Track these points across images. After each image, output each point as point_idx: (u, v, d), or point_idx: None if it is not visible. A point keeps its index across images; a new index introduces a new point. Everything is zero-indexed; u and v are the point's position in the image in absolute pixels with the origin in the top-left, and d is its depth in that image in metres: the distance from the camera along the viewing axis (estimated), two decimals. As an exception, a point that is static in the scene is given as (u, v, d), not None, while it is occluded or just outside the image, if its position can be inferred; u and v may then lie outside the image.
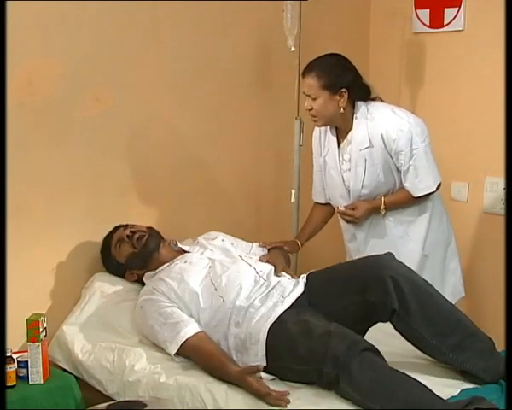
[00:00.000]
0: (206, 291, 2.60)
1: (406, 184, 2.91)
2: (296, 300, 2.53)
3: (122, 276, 2.90)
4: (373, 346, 2.26)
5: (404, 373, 2.20)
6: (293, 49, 3.20)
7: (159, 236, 2.88)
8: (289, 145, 3.38)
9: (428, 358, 2.52)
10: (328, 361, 2.21)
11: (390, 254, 2.55)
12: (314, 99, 2.83)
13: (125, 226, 2.89)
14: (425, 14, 3.68)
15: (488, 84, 3.47)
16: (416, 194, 2.91)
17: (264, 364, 2.36)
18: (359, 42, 3.91)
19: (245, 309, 2.50)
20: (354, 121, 2.89)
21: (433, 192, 2.93)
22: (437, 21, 3.64)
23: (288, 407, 2.19)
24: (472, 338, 2.40)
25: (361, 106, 2.89)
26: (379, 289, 2.40)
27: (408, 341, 2.48)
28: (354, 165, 2.92)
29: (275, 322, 2.41)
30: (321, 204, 3.16)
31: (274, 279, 2.65)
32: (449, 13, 3.59)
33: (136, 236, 2.82)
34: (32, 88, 2.72)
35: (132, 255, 2.82)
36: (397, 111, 2.91)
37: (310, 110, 2.86)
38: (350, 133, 2.91)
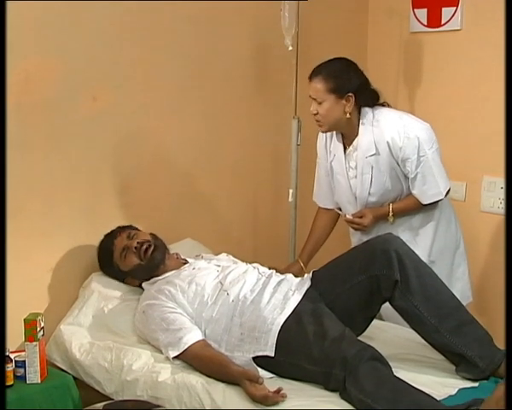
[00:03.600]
0: (214, 291, 2.62)
1: (414, 192, 2.87)
2: (306, 293, 2.56)
3: (121, 281, 2.89)
4: (382, 356, 2.28)
5: (408, 383, 2.21)
6: (290, 48, 3.20)
7: (164, 246, 2.85)
8: (287, 144, 3.38)
9: (427, 357, 2.53)
10: (337, 363, 2.23)
11: (393, 234, 2.59)
12: (320, 103, 2.79)
13: (127, 233, 2.84)
14: (422, 13, 3.68)
15: (486, 83, 3.47)
16: (425, 201, 2.88)
17: (272, 354, 2.38)
18: (357, 41, 3.91)
19: (250, 301, 2.54)
20: (360, 128, 2.85)
21: (441, 199, 2.90)
22: (434, 21, 3.64)
23: (296, 407, 2.19)
24: (471, 325, 2.43)
25: (367, 112, 2.86)
26: (383, 262, 2.45)
27: (406, 319, 2.51)
28: (360, 172, 2.89)
29: (290, 315, 2.44)
30: (326, 210, 3.12)
31: (277, 277, 2.68)
32: (446, 12, 3.59)
33: (144, 247, 2.78)
34: (30, 87, 2.72)
35: (138, 267, 2.79)
36: (403, 117, 2.87)
37: (315, 114, 2.83)
38: (356, 140, 2.88)
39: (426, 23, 3.68)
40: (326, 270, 2.67)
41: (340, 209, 3.04)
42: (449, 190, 2.92)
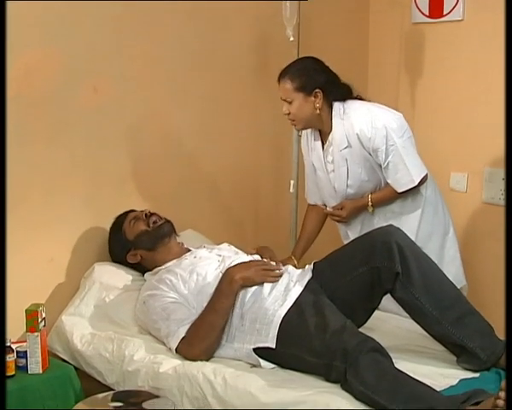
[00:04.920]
0: (215, 282, 2.62)
1: (389, 181, 2.91)
2: (307, 284, 2.56)
3: (123, 259, 2.88)
4: (383, 348, 2.28)
5: (408, 375, 2.21)
6: (291, 38, 3.20)
7: (173, 227, 2.89)
8: (288, 135, 3.38)
9: (428, 348, 2.53)
10: (338, 355, 2.24)
11: (394, 226, 2.60)
12: (290, 102, 2.84)
13: (142, 210, 2.91)
14: (424, 3, 3.67)
15: (487, 74, 3.47)
16: (399, 189, 2.90)
17: (273, 346, 2.38)
18: (358, 32, 3.90)
19: (251, 292, 2.54)
20: (332, 122, 2.89)
21: (416, 186, 2.91)
22: (436, 11, 3.63)
23: (297, 397, 2.19)
24: (472, 316, 2.44)
25: (337, 106, 2.89)
26: (384, 253, 2.46)
27: (407, 311, 2.51)
28: (337, 166, 2.93)
29: (291, 307, 2.44)
30: (315, 206, 3.15)
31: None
32: (448, 2, 3.58)
33: (153, 218, 2.85)
34: (30, 79, 2.72)
35: (144, 233, 2.82)
36: (372, 108, 2.89)
37: (288, 114, 2.88)
38: (331, 134, 2.92)
39: (428, 13, 3.67)
40: (327, 261, 2.67)
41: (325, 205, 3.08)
42: (425, 177, 2.92)
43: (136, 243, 2.83)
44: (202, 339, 2.44)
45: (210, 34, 3.26)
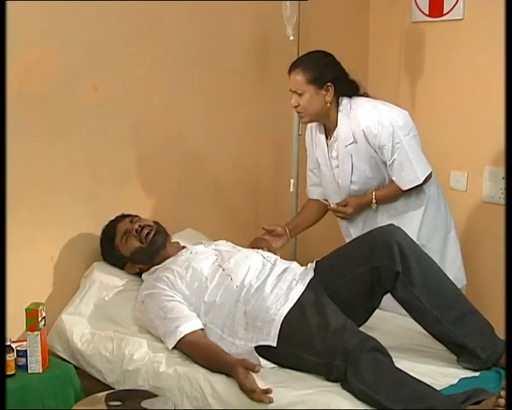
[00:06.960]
0: (213, 274, 2.62)
1: (394, 178, 2.91)
2: (309, 283, 2.56)
3: (121, 267, 2.89)
4: (383, 347, 2.29)
5: (408, 374, 2.21)
6: (292, 37, 3.20)
7: (165, 232, 2.87)
8: (288, 134, 3.38)
9: (428, 347, 2.53)
10: (339, 354, 2.24)
11: (394, 225, 2.60)
12: (300, 95, 2.84)
13: (130, 218, 2.86)
14: (424, 2, 3.67)
15: (487, 73, 3.47)
16: (404, 187, 2.91)
17: (274, 344, 2.38)
18: (358, 31, 3.90)
19: (255, 288, 2.54)
20: (338, 117, 2.89)
21: (420, 185, 2.91)
22: (436, 10, 3.63)
23: (297, 397, 2.19)
24: (473, 316, 2.44)
25: (345, 102, 2.89)
26: (384, 253, 2.46)
27: (407, 311, 2.51)
28: (342, 161, 2.93)
29: (293, 306, 2.44)
30: (315, 201, 3.15)
31: (282, 265, 2.67)
32: (448, 1, 3.58)
33: (145, 231, 2.80)
34: (30, 77, 2.71)
35: (139, 250, 2.80)
36: (378, 106, 2.89)
37: (296, 107, 2.87)
38: (336, 130, 2.92)
39: (428, 12, 3.67)
40: (328, 260, 2.67)
41: (327, 200, 3.08)
42: (429, 176, 2.93)
43: (133, 259, 2.83)
44: (198, 353, 2.44)
45: (210, 33, 3.26)
